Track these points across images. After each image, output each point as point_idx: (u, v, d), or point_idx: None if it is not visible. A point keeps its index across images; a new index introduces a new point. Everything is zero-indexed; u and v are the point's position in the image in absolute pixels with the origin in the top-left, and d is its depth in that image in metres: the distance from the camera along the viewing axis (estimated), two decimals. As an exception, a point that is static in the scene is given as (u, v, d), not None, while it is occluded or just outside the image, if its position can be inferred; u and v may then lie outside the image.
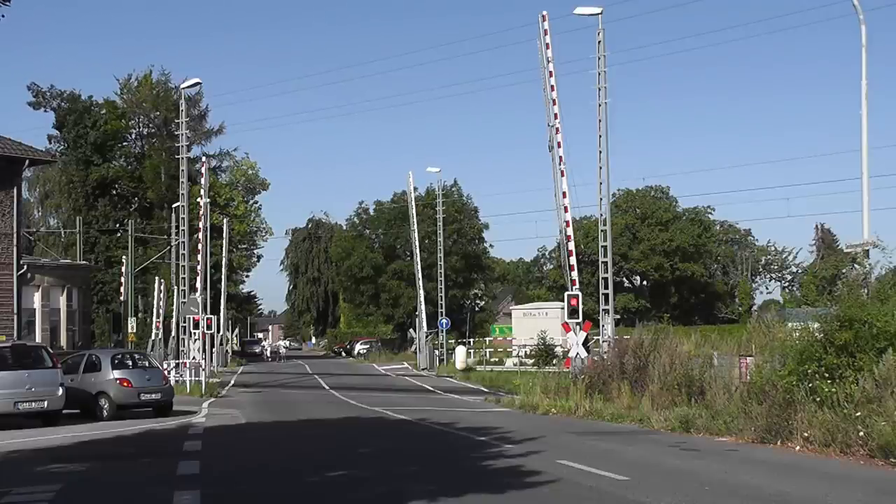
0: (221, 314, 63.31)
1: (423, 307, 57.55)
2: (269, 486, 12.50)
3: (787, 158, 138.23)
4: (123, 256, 60.79)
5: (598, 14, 31.06)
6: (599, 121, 31.40)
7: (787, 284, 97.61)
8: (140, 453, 17.05)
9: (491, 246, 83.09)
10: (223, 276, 66.57)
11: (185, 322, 43.03)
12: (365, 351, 76.85)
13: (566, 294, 31.99)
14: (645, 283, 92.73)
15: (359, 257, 77.61)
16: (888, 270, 20.12)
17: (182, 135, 43.13)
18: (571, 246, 33.28)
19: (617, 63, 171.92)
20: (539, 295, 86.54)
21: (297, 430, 21.79)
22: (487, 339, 63.28)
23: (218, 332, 56.44)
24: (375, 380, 47.38)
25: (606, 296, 31.78)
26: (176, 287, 47.44)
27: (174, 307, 49.07)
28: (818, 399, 15.69)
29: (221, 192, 74.09)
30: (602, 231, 32.70)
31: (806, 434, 15.43)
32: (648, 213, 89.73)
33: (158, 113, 70.52)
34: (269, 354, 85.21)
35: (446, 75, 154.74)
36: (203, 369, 37.43)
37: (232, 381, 44.17)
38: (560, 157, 33.32)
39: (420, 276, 59.13)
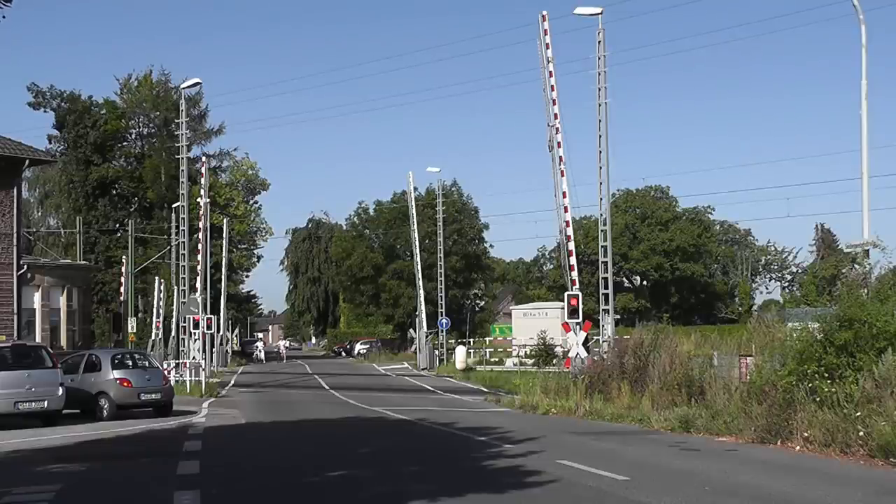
0: (221, 314, 63.31)
1: (423, 307, 57.56)
2: (269, 486, 12.50)
3: (787, 158, 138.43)
4: (123, 256, 60.72)
5: (598, 14, 31.09)
6: (599, 121, 31.42)
7: (787, 284, 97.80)
8: (140, 453, 17.04)
9: (491, 246, 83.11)
10: (223, 276, 66.55)
11: (185, 322, 43.07)
12: (365, 351, 76.81)
13: (566, 294, 32.03)
14: (645, 283, 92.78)
15: (359, 257, 77.57)
16: (888, 270, 20.12)
17: (182, 135, 43.18)
18: (571, 246, 33.33)
19: (617, 63, 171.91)
20: (539, 295, 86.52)
21: (297, 429, 21.80)
22: (487, 339, 63.35)
23: (218, 332, 56.45)
24: (375, 380, 47.36)
25: (606, 296, 31.79)
26: (176, 287, 47.44)
27: (174, 307, 49.06)
28: (818, 399, 15.68)
29: (221, 192, 74.08)
30: (602, 231, 32.71)
31: (806, 434, 15.42)
32: (648, 213, 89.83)
33: (158, 113, 70.43)
34: (262, 356, 76.02)
35: (446, 75, 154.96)
36: (203, 369, 37.48)
37: (232, 381, 44.18)
38: (560, 157, 33.41)
39: (420, 276, 59.14)
